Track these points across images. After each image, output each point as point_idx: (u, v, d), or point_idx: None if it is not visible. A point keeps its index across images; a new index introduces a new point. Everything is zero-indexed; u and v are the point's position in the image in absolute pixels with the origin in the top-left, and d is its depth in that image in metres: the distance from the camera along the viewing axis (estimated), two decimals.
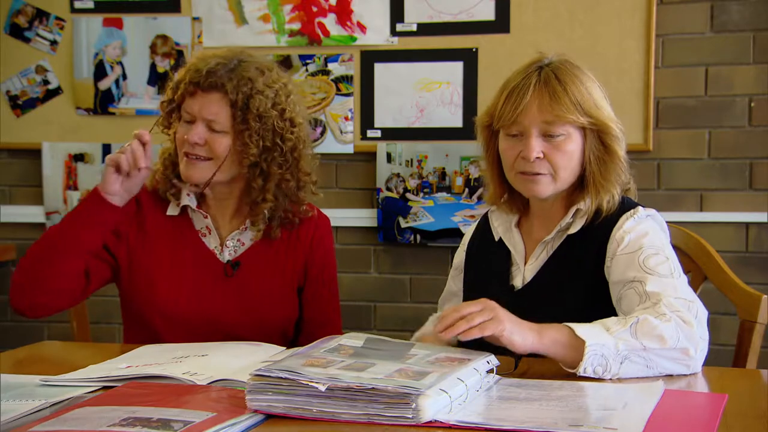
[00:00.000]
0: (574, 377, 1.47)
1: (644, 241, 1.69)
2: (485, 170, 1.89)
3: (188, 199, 2.04)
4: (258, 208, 2.02)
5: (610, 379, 1.47)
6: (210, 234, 2.05)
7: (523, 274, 1.81)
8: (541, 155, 1.72)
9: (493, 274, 1.86)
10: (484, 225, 1.94)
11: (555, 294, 1.74)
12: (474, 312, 1.46)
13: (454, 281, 1.99)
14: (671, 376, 1.52)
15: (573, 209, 1.77)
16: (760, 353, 1.82)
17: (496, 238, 1.88)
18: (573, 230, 1.77)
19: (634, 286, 1.62)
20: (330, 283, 2.14)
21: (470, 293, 1.89)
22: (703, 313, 1.59)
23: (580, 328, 1.47)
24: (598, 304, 1.70)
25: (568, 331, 1.48)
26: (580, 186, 1.78)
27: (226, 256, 2.05)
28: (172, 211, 2.05)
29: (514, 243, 1.85)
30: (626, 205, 1.78)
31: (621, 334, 1.48)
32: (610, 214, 1.75)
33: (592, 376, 1.46)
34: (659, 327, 1.49)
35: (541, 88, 1.73)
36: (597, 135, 1.75)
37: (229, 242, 2.05)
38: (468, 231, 2.02)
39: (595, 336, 1.46)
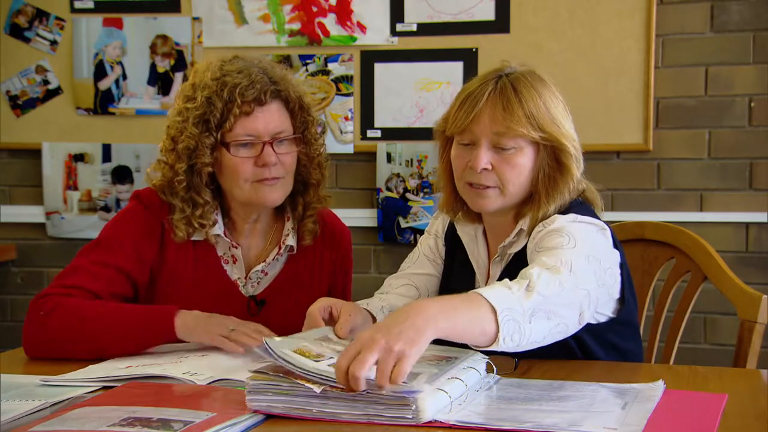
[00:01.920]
0: (574, 378, 1.47)
1: (547, 229, 1.62)
2: (439, 177, 1.82)
3: (217, 227, 1.91)
4: (312, 209, 1.95)
5: (525, 346, 1.39)
6: (235, 264, 1.94)
7: None
8: (489, 167, 1.66)
9: (461, 289, 1.82)
10: (453, 231, 1.86)
11: None
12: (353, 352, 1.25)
13: (433, 266, 1.90)
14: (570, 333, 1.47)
15: (517, 229, 1.71)
16: (760, 353, 1.82)
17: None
18: (515, 249, 1.71)
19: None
20: (346, 298, 2.05)
21: None
22: (579, 269, 1.48)
23: (490, 294, 1.36)
24: None
25: (477, 302, 1.35)
26: (529, 200, 1.71)
27: (249, 289, 1.95)
28: (198, 236, 1.91)
29: (478, 257, 1.80)
30: (549, 215, 1.69)
31: (521, 293, 1.39)
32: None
33: (510, 346, 1.36)
34: (542, 274, 1.42)
35: (495, 98, 1.65)
36: (551, 151, 1.67)
37: (253, 275, 1.94)
38: (438, 219, 1.93)
39: (503, 300, 1.36)
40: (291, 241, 1.95)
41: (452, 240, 1.88)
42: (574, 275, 1.47)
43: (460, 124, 1.67)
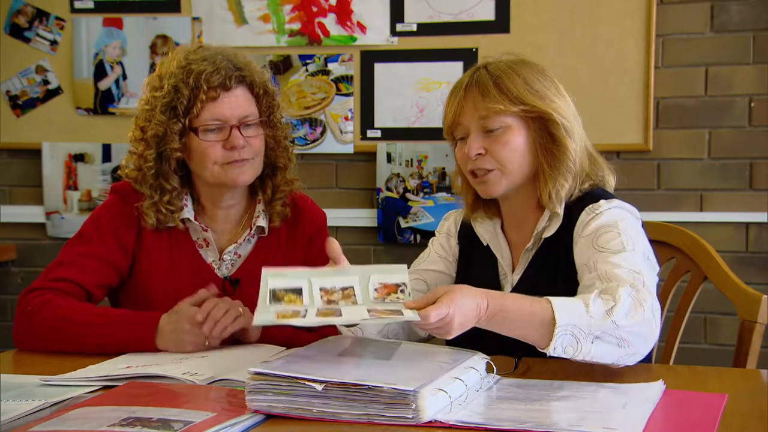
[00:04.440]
0: (574, 378, 1.47)
1: (599, 222, 1.67)
2: (455, 177, 1.88)
3: (186, 211, 1.96)
4: (281, 192, 1.99)
5: (582, 359, 1.45)
6: (208, 247, 1.98)
7: (511, 282, 1.80)
8: (483, 151, 1.71)
9: (483, 284, 1.83)
10: (468, 231, 1.90)
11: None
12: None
13: (444, 263, 1.92)
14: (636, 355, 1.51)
15: (547, 213, 1.74)
16: (760, 353, 1.82)
17: (485, 244, 1.86)
18: (548, 233, 1.74)
19: (589, 267, 1.61)
20: None
21: None
22: (651, 283, 1.57)
23: (559, 308, 1.44)
24: None
25: (542, 307, 1.46)
26: (539, 180, 1.75)
27: (224, 270, 1.99)
28: (171, 222, 1.96)
29: (501, 250, 1.83)
30: (588, 199, 1.74)
31: (596, 314, 1.44)
32: (576, 211, 1.72)
33: (562, 355, 1.44)
34: (627, 302, 1.47)
35: (473, 87, 1.73)
36: (543, 124, 1.72)
37: (226, 256, 1.99)
38: (449, 219, 1.97)
39: (569, 315, 1.44)
40: (262, 222, 2.00)
41: (466, 237, 1.91)
42: (650, 294, 1.52)
43: (449, 120, 1.76)
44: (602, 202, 1.71)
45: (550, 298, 1.46)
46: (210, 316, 1.73)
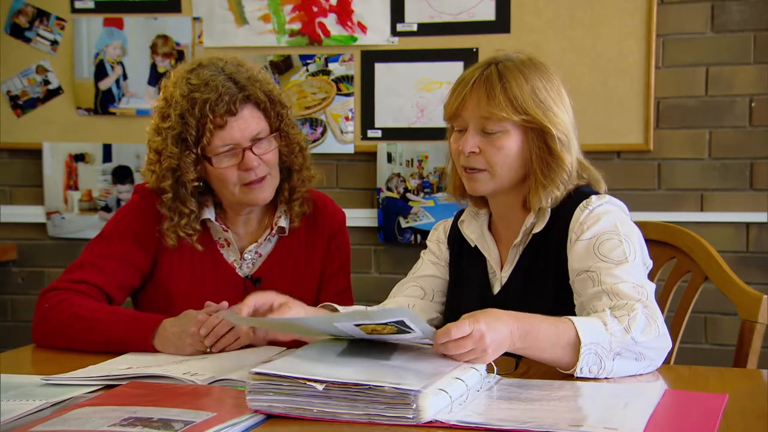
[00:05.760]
0: (574, 378, 1.47)
1: (599, 227, 1.68)
2: (447, 162, 1.88)
3: (207, 212, 1.99)
4: (298, 192, 2.01)
5: (605, 378, 1.48)
6: (229, 247, 2.01)
7: (500, 280, 1.81)
8: (477, 150, 1.72)
9: (473, 282, 1.86)
10: (457, 236, 1.91)
11: (528, 295, 1.73)
12: (462, 340, 1.40)
13: (437, 268, 1.93)
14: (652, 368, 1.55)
15: (533, 212, 1.75)
16: (760, 353, 1.82)
17: (472, 245, 1.87)
18: (537, 229, 1.76)
19: (590, 275, 1.63)
20: (344, 277, 2.12)
21: (452, 301, 1.89)
22: (652, 293, 1.61)
23: (581, 327, 1.47)
24: (569, 298, 1.69)
25: (566, 329, 1.48)
26: (529, 184, 1.77)
27: (245, 270, 2.01)
28: (190, 242, 1.98)
29: (489, 249, 1.84)
30: (579, 196, 1.75)
31: (616, 331, 1.48)
32: (565, 207, 1.74)
33: (588, 376, 1.47)
34: (642, 321, 1.51)
35: (480, 85, 1.72)
36: (541, 135, 1.72)
37: (247, 255, 2.01)
38: (438, 228, 1.98)
39: (591, 334, 1.46)
40: (283, 222, 2.02)
41: (455, 241, 1.92)
42: (656, 307, 1.57)
43: (450, 110, 1.75)
44: (594, 198, 1.73)
45: (571, 317, 1.49)
46: (213, 333, 1.73)
